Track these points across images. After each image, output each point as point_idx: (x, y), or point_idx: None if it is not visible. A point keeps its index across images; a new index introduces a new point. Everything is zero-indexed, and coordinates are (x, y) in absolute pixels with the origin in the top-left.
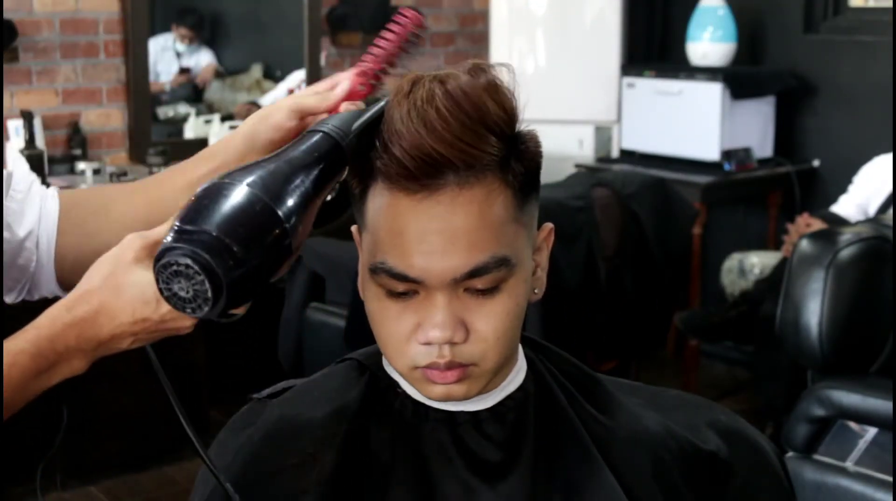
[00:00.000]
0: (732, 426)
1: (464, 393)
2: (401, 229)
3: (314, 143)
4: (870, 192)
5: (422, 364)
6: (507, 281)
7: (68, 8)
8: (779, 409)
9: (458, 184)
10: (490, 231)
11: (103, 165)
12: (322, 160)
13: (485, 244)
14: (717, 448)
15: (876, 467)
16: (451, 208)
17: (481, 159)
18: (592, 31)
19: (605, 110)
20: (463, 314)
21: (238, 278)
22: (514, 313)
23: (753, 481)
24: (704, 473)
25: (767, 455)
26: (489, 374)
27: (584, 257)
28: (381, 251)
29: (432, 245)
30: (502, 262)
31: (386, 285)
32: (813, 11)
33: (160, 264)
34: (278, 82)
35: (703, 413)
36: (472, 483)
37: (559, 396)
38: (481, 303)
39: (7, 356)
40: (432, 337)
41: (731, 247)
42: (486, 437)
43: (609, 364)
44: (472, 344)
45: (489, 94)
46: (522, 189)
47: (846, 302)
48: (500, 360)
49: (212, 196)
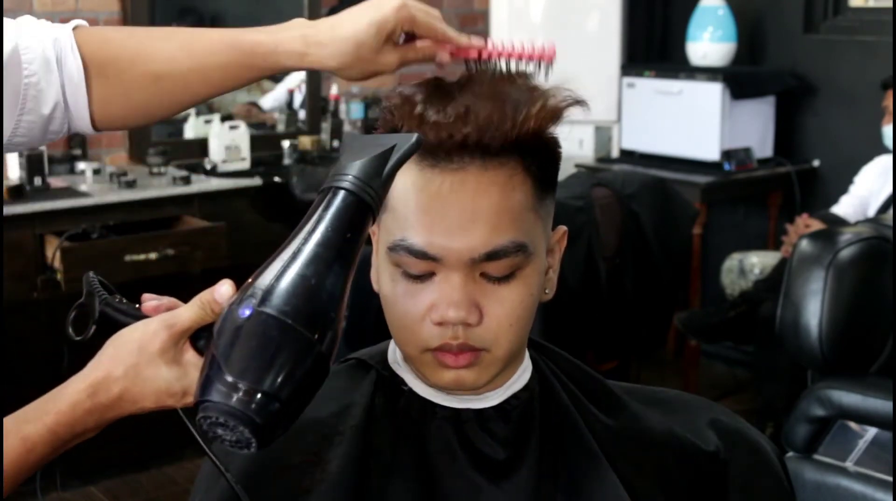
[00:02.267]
0: (733, 427)
1: (473, 381)
2: (424, 206)
3: (344, 217)
4: (870, 192)
5: (434, 346)
6: (523, 269)
7: (68, 8)
8: (779, 409)
9: (483, 166)
10: (511, 215)
11: (103, 165)
12: (355, 238)
13: (505, 228)
14: (718, 449)
15: (876, 467)
16: (476, 188)
17: (507, 143)
18: (592, 31)
19: (605, 110)
20: (478, 298)
21: (277, 415)
22: (528, 302)
23: (754, 482)
24: (705, 474)
25: (768, 456)
26: (500, 362)
27: (584, 257)
28: (401, 229)
29: (454, 223)
30: (520, 248)
31: (404, 265)
32: (813, 11)
33: (199, 416)
34: (278, 82)
35: (703, 414)
36: (477, 481)
37: (563, 396)
38: (496, 288)
39: (26, 444)
40: (447, 316)
41: (731, 247)
42: (492, 435)
43: (609, 364)
44: (486, 329)
45: (520, 82)
46: (542, 182)
47: (846, 302)
48: (511, 348)
49: (241, 335)
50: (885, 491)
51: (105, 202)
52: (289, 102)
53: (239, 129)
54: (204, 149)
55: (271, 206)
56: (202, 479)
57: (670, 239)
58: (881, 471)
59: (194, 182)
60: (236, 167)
